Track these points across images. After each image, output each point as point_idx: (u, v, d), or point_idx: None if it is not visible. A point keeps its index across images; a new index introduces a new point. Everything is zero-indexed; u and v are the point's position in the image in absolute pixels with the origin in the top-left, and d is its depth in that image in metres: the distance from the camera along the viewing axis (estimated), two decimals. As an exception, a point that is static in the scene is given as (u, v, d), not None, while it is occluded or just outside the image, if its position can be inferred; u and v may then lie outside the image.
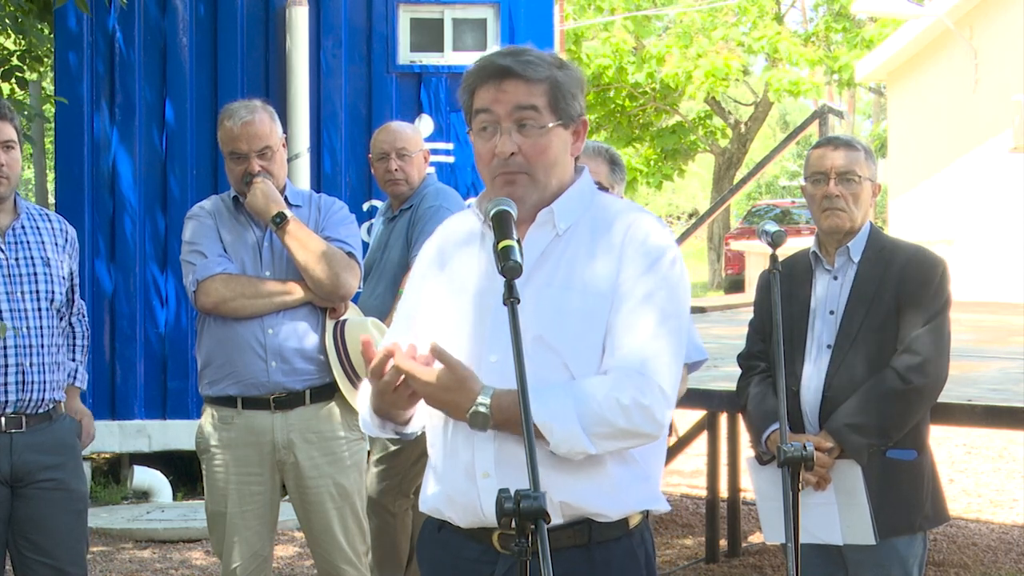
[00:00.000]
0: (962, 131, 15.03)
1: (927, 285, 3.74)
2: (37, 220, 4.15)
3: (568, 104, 2.52)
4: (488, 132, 2.51)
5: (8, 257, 4.04)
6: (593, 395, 2.38)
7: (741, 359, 4.03)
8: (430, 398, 2.41)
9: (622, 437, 2.41)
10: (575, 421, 2.36)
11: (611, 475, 2.45)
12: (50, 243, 4.14)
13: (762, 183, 41.65)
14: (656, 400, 2.41)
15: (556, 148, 2.52)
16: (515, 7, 8.09)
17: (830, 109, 8.93)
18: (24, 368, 3.98)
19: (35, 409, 4.03)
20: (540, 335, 2.44)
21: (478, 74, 2.54)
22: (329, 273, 4.16)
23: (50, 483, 4.04)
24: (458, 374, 2.37)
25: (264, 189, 4.17)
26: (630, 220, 2.53)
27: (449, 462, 2.51)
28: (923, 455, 3.78)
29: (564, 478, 2.41)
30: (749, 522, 7.15)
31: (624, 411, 2.38)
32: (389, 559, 5.16)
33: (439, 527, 2.58)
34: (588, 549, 2.47)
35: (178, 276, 7.45)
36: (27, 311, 4.02)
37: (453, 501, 2.50)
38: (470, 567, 2.51)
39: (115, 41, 7.88)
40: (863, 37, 22.57)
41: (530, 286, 2.47)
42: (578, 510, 2.45)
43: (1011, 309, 9.82)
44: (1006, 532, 7.33)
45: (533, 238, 2.52)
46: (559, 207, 2.53)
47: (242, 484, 4.22)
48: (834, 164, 3.79)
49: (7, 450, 3.97)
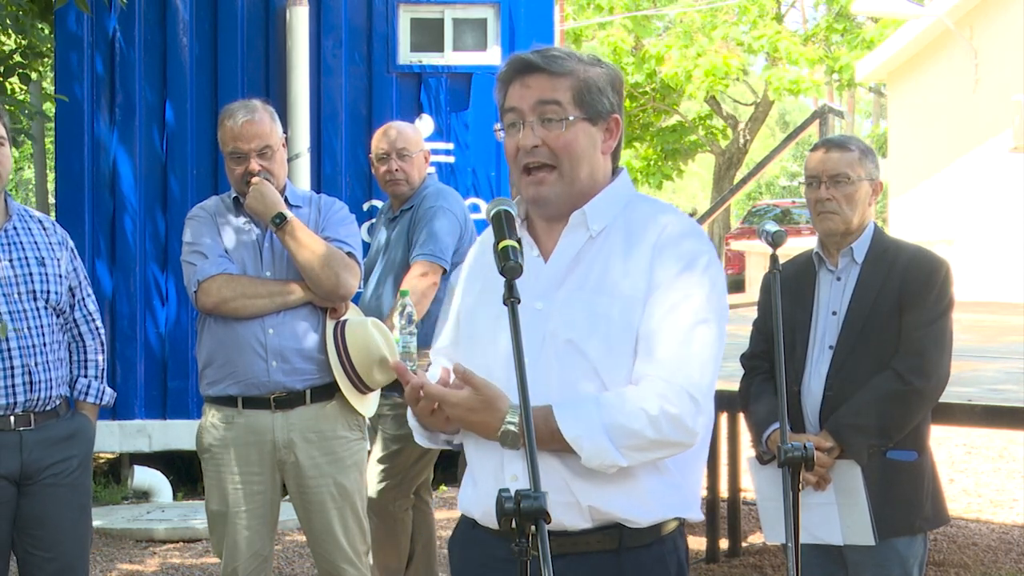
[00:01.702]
0: (962, 131, 15.04)
1: (929, 286, 3.74)
2: (28, 221, 4.14)
3: (596, 100, 2.49)
4: (514, 129, 2.50)
5: (2, 259, 4.03)
6: (620, 407, 2.36)
7: (744, 359, 4.04)
8: (461, 421, 2.44)
9: (653, 448, 2.39)
10: (603, 435, 2.35)
11: (642, 483, 2.44)
12: (43, 242, 4.12)
13: (762, 183, 41.67)
14: (685, 408, 2.38)
15: (582, 143, 2.49)
16: (515, 7, 8.09)
17: (830, 109, 8.91)
18: (30, 368, 3.98)
19: (43, 407, 4.04)
20: (571, 339, 2.43)
21: (506, 71, 2.53)
22: (329, 273, 4.16)
23: (56, 479, 4.04)
24: (485, 395, 2.38)
25: (263, 190, 4.17)
26: (665, 222, 2.50)
27: (480, 465, 2.53)
28: (924, 456, 3.78)
29: (594, 485, 2.41)
30: (749, 522, 7.15)
31: (652, 422, 2.36)
32: (390, 559, 5.16)
33: (473, 525, 2.59)
34: (618, 554, 2.45)
35: (178, 276, 7.46)
36: (26, 311, 4.01)
37: (482, 503, 2.50)
38: (499, 566, 2.50)
39: (115, 41, 7.88)
40: (863, 37, 22.58)
41: (563, 289, 2.47)
42: (607, 515, 2.44)
43: (1011, 309, 9.83)
44: (1006, 532, 7.33)
45: (567, 241, 2.51)
46: (591, 209, 2.50)
47: (243, 484, 4.22)
48: (825, 167, 3.79)
49: (17, 448, 3.98)
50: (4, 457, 3.96)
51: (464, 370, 2.38)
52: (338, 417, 4.26)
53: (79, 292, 4.22)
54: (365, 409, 4.37)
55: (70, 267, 4.19)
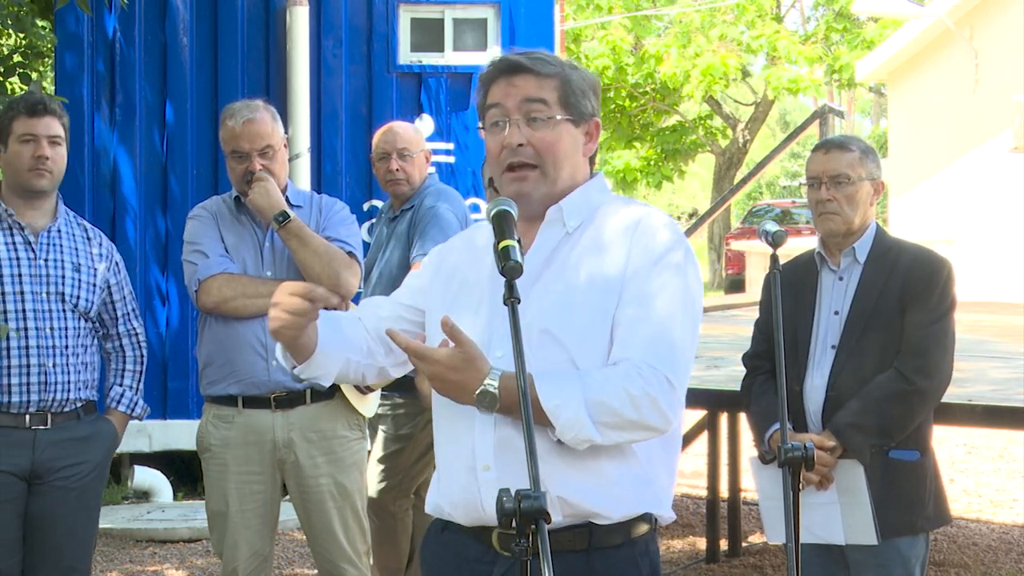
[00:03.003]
0: (962, 131, 15.04)
1: (932, 286, 3.74)
2: (74, 227, 4.21)
3: (579, 101, 2.53)
4: (498, 127, 2.51)
5: (38, 257, 4.08)
6: (602, 384, 2.37)
7: (746, 359, 4.03)
8: (438, 378, 2.39)
9: (629, 428, 2.39)
10: (582, 407, 2.35)
11: (608, 472, 2.43)
12: (84, 250, 4.19)
13: (762, 183, 41.66)
14: (664, 393, 2.39)
15: (566, 143, 2.52)
16: (515, 7, 8.09)
17: (830, 109, 8.91)
18: (47, 369, 4.01)
19: (60, 408, 4.05)
20: (546, 328, 2.44)
21: (491, 71, 2.54)
22: (330, 272, 4.16)
23: (67, 481, 4.07)
24: (469, 353, 2.36)
25: (267, 187, 4.18)
26: (640, 215, 2.53)
27: (451, 456, 2.51)
28: (926, 456, 3.78)
29: (561, 471, 2.40)
30: (749, 522, 7.15)
31: (633, 401, 2.37)
32: (389, 559, 5.16)
33: (443, 528, 2.57)
34: (587, 554, 2.45)
35: (178, 276, 7.45)
36: (51, 312, 4.05)
37: (455, 498, 2.50)
38: (471, 567, 2.50)
39: (115, 41, 7.88)
40: (863, 37, 22.58)
41: (539, 283, 2.48)
42: (577, 507, 2.43)
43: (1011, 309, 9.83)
44: (1006, 532, 7.33)
45: (544, 236, 2.53)
46: (568, 204, 2.53)
47: (243, 483, 4.22)
48: (825, 168, 3.80)
49: (29, 446, 4.01)
50: (15, 454, 4.00)
51: (452, 324, 2.35)
52: (338, 417, 4.27)
53: (123, 307, 4.29)
54: (365, 409, 4.37)
55: (112, 280, 4.24)
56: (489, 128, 2.54)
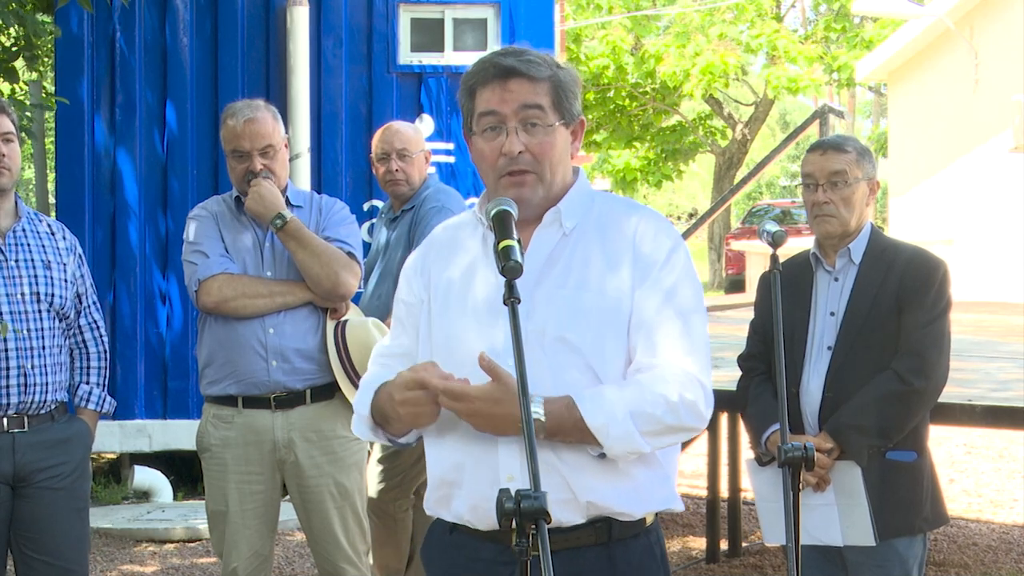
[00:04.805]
0: (962, 131, 15.03)
1: (928, 287, 3.74)
2: (37, 224, 4.15)
3: (570, 103, 2.54)
4: (494, 132, 2.51)
5: (8, 259, 4.03)
6: (641, 395, 2.40)
7: (741, 360, 4.03)
8: (477, 415, 2.39)
9: (670, 433, 2.44)
10: (629, 421, 2.38)
11: (635, 476, 2.47)
12: (51, 246, 4.13)
13: (762, 183, 41.68)
14: (698, 395, 2.44)
15: (560, 147, 2.54)
16: (515, 7, 8.09)
17: (830, 109, 8.91)
18: (26, 370, 3.98)
19: (37, 410, 4.03)
20: (562, 336, 2.44)
21: (479, 75, 2.54)
22: (329, 273, 4.17)
23: (51, 482, 4.04)
24: (509, 384, 2.35)
25: (261, 192, 4.17)
26: (637, 219, 2.55)
27: (470, 471, 2.49)
28: (923, 457, 3.78)
29: (592, 481, 2.43)
30: (749, 522, 7.15)
31: (672, 408, 2.40)
32: (390, 559, 5.16)
33: (451, 529, 2.57)
34: (608, 547, 2.49)
35: (179, 276, 7.46)
36: (27, 313, 4.01)
37: (477, 508, 2.48)
38: (487, 568, 2.50)
39: (116, 42, 7.88)
40: (863, 37, 22.58)
41: (542, 287, 2.48)
42: (604, 509, 2.47)
43: (1011, 309, 9.83)
44: (1006, 532, 7.33)
45: (540, 238, 2.53)
46: (565, 206, 2.54)
47: (243, 483, 4.22)
48: (821, 169, 3.79)
49: (9, 450, 3.97)
50: None
51: (490, 361, 2.36)
52: (338, 417, 4.27)
53: (85, 299, 4.23)
54: (365, 409, 4.36)
55: (77, 273, 4.19)
56: (481, 133, 2.53)
